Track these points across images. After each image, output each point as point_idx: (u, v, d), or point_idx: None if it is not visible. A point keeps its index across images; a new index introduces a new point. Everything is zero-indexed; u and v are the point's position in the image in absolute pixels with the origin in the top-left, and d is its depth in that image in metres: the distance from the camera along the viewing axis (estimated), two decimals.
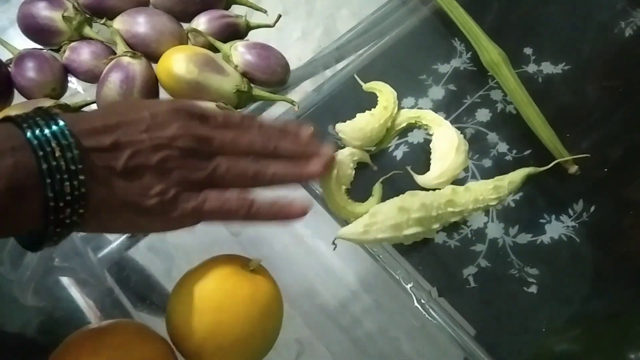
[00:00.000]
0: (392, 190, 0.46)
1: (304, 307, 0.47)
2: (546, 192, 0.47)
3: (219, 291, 0.34)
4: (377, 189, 0.45)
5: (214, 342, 0.33)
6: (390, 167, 0.47)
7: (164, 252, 0.50)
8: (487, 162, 0.48)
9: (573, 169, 0.45)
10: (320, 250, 0.48)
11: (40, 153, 0.26)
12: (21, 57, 0.43)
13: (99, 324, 0.34)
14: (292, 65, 0.50)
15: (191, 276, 0.35)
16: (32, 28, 0.45)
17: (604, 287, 0.45)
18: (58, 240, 0.29)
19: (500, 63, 0.49)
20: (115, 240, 0.46)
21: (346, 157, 0.46)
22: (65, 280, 0.43)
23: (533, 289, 0.43)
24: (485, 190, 0.44)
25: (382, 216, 0.41)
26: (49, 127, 0.27)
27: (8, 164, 0.26)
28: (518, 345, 0.42)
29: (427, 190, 0.45)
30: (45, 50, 0.45)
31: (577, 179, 0.46)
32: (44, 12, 0.44)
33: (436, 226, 0.43)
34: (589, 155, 0.45)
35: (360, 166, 0.47)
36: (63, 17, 0.44)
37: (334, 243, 0.42)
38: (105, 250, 0.45)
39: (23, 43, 0.46)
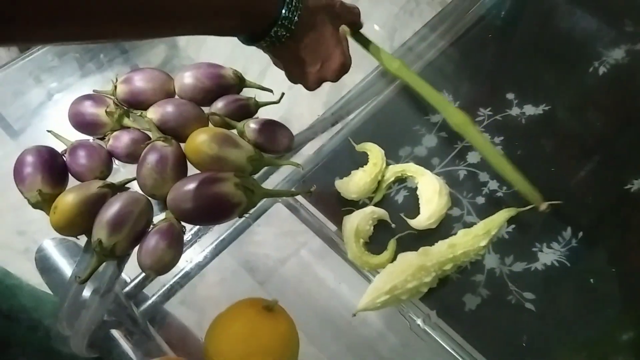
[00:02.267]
0: (393, 230, 0.51)
1: (331, 350, 0.51)
2: (536, 223, 0.51)
3: (246, 328, 0.42)
4: (392, 244, 0.50)
5: None
6: (393, 210, 0.52)
7: (195, 305, 0.56)
8: (480, 200, 0.53)
9: (543, 206, 0.47)
10: (343, 292, 0.53)
11: None
12: (74, 148, 0.51)
13: None
14: (305, 117, 0.56)
15: (222, 317, 0.44)
16: (81, 123, 0.53)
17: (600, 307, 0.47)
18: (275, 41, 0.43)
19: (466, 124, 0.50)
20: (153, 296, 0.52)
21: (367, 214, 0.51)
22: (115, 333, 0.49)
23: (531, 312, 0.46)
24: (473, 242, 0.48)
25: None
26: None
27: None
28: None
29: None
30: (92, 140, 0.53)
31: (563, 208, 0.48)
32: (90, 109, 0.53)
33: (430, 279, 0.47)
34: (561, 202, 0.47)
35: (379, 222, 0.52)
36: (106, 112, 0.52)
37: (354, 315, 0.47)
38: (146, 304, 0.51)
39: (73, 135, 0.54)
